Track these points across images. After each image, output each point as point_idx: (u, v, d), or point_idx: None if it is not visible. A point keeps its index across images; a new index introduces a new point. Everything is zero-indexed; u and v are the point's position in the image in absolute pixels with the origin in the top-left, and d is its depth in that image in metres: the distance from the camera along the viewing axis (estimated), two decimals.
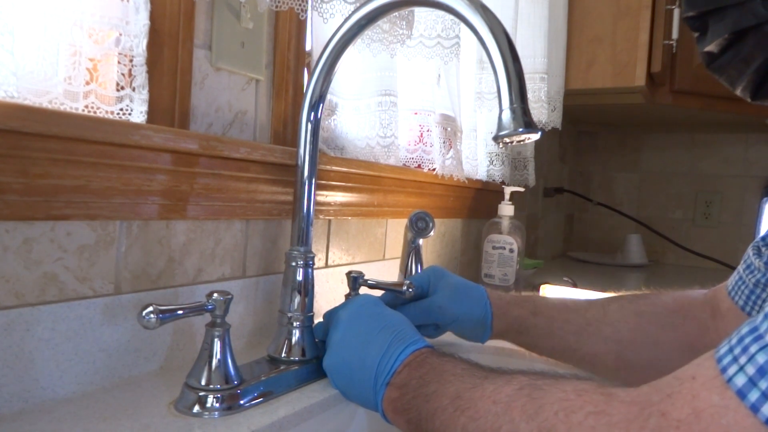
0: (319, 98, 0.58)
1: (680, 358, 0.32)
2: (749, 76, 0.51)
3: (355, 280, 0.66)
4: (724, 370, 0.28)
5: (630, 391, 0.32)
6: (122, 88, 0.50)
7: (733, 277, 0.60)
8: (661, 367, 0.32)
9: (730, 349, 0.28)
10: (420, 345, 0.49)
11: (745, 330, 0.29)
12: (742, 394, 0.26)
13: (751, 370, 0.26)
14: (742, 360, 0.27)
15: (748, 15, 0.49)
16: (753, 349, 0.27)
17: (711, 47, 0.53)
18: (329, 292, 0.78)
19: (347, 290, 0.67)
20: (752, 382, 0.26)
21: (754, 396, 0.26)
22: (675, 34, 1.34)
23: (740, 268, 0.59)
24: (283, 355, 0.57)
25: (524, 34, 1.22)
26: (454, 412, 0.40)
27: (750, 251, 0.59)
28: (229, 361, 0.49)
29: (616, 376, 0.60)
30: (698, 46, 0.55)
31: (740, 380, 0.27)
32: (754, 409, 0.26)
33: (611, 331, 0.61)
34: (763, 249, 0.57)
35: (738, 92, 0.54)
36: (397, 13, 0.73)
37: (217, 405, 0.47)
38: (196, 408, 0.47)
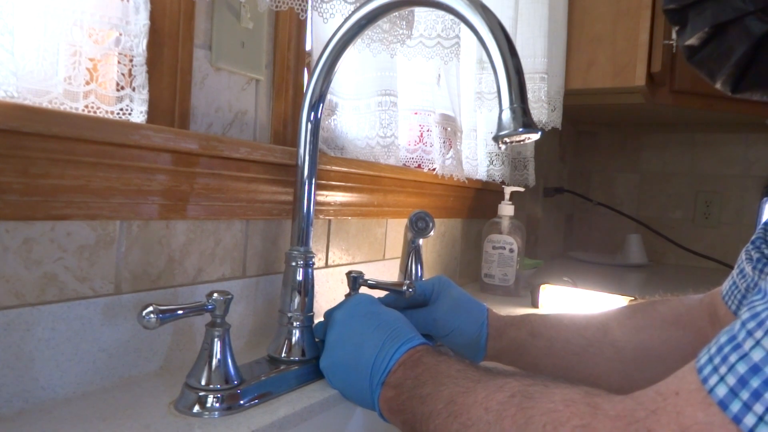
0: (319, 98, 0.58)
1: None
2: (729, 69, 0.51)
3: (355, 280, 0.66)
4: (705, 380, 0.28)
5: (615, 403, 0.32)
6: (122, 88, 0.50)
7: (728, 282, 0.59)
8: None
9: (710, 359, 0.28)
10: (415, 342, 0.49)
11: (723, 339, 0.29)
12: (723, 404, 0.26)
13: (731, 380, 0.26)
14: (723, 370, 0.27)
15: (727, 9, 0.49)
16: (732, 358, 0.27)
17: (692, 41, 0.53)
18: (329, 292, 0.78)
19: (347, 290, 0.67)
20: (733, 392, 0.26)
21: (736, 407, 0.26)
22: (675, 34, 1.33)
23: (734, 272, 0.59)
24: (283, 355, 0.57)
25: (524, 34, 1.22)
26: (448, 417, 0.40)
27: (743, 255, 0.58)
28: (229, 361, 0.49)
29: (622, 392, 0.60)
30: (679, 39, 0.55)
31: (721, 391, 0.27)
32: (737, 420, 0.26)
33: (613, 352, 0.61)
34: (753, 253, 0.57)
35: (718, 86, 0.54)
36: (397, 13, 0.73)
37: (217, 405, 0.47)
38: (196, 408, 0.47)
